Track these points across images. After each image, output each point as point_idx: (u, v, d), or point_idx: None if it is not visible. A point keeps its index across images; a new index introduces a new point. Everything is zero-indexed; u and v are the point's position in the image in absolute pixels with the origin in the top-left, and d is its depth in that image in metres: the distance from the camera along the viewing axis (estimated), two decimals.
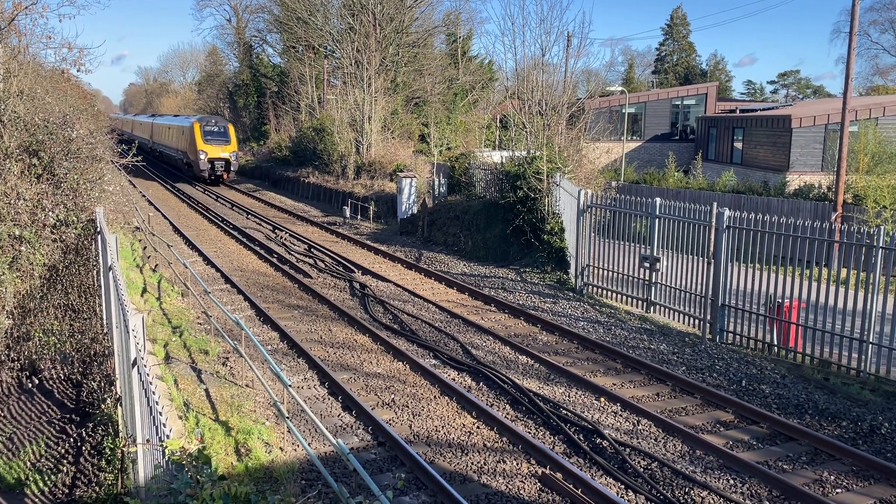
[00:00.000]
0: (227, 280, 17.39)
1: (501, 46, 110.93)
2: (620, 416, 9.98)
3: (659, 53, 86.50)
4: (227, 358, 11.88)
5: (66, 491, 6.77)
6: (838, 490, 8.15)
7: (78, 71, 15.04)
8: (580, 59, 41.16)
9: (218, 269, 18.51)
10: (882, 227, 11.33)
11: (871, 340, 11.30)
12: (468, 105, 43.36)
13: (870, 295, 11.18)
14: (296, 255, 20.85)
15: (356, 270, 18.88)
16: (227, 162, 40.12)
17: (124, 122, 70.63)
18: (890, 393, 10.76)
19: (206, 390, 10.36)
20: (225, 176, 40.52)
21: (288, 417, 8.97)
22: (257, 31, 60.78)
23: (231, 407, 9.78)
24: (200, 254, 20.61)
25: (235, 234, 24.40)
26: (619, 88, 49.08)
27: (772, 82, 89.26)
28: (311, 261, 20.08)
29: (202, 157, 39.26)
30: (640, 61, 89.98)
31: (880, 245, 11.09)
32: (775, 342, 12.66)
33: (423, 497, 7.70)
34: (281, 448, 8.77)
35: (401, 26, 42.17)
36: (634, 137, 44.55)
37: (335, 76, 45.89)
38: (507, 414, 9.98)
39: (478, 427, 9.49)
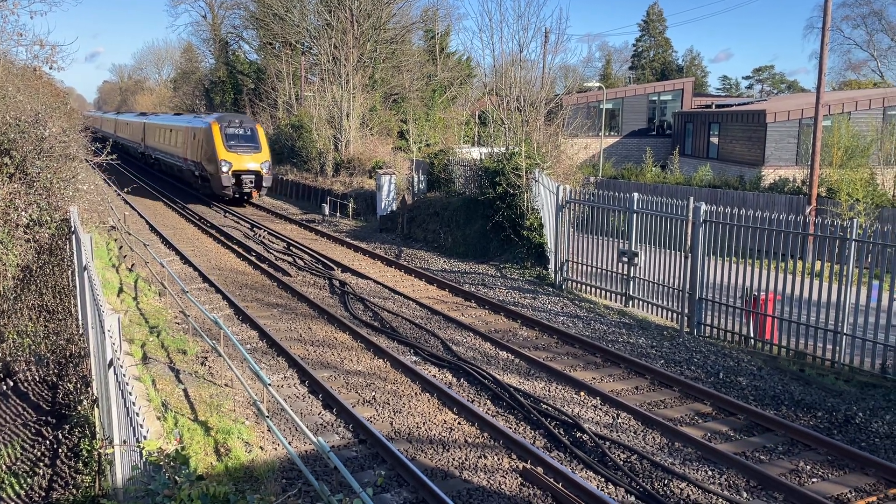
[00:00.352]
0: (205, 279, 17.24)
1: (479, 43, 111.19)
2: (600, 409, 10.05)
3: (636, 49, 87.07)
4: (206, 357, 11.79)
5: (43, 494, 6.69)
6: (814, 479, 8.28)
7: (50, 68, 14.77)
8: (558, 55, 41.33)
9: (195, 268, 18.34)
10: (855, 220, 11.51)
11: (845, 332, 11.48)
12: (447, 101, 43.35)
13: (843, 287, 11.36)
14: (274, 253, 20.72)
15: (336, 268, 18.82)
16: (258, 175, 30.28)
17: (104, 121, 62.02)
18: (864, 383, 10.95)
19: (185, 390, 10.27)
20: (255, 194, 30.94)
21: (268, 416, 8.92)
22: (233, 28, 60.36)
23: (210, 407, 9.71)
24: (177, 253, 20.41)
25: (213, 232, 24.19)
26: (597, 84, 49.32)
27: (747, 77, 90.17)
28: (289, 259, 19.97)
29: (224, 169, 29.45)
30: (617, 57, 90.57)
31: (853, 238, 11.26)
32: (752, 334, 12.82)
33: (404, 494, 7.70)
34: (261, 447, 8.73)
35: (378, 22, 42.03)
36: (612, 133, 44.82)
37: (312, 73, 45.62)
38: (488, 409, 10.01)
39: (459, 423, 9.51)
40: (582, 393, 10.60)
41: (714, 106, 43.80)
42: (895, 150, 28.02)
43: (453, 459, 8.54)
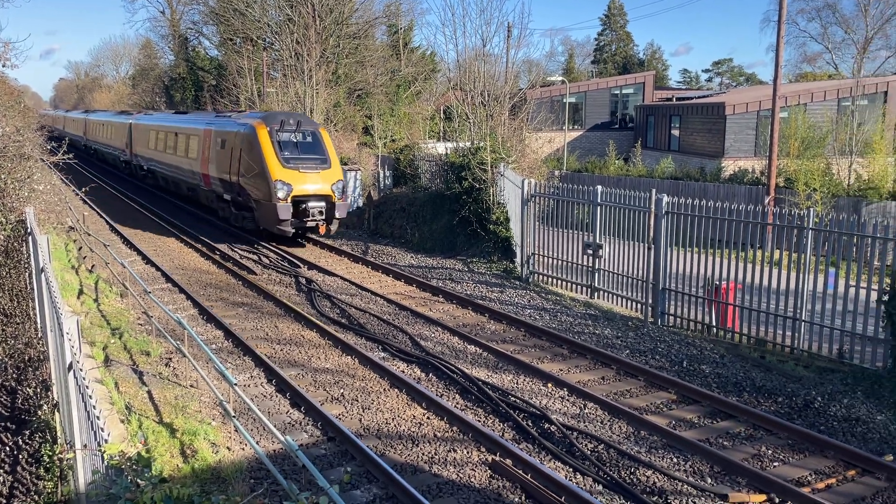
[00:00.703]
0: (168, 279, 16.97)
1: (443, 37, 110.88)
2: (567, 400, 10.14)
3: (598, 43, 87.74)
4: (170, 359, 11.62)
5: (4, 501, 6.54)
6: (776, 463, 8.47)
7: (3, 66, 14.40)
8: (521, 49, 41.51)
9: (158, 268, 18.04)
10: (812, 210, 11.80)
11: (803, 318, 11.75)
12: (412, 96, 43.22)
13: (801, 275, 11.63)
14: (239, 251, 20.48)
15: (302, 265, 18.67)
16: (329, 202, 20.25)
17: (70, 121, 54.17)
18: (822, 368, 11.23)
19: (149, 392, 10.12)
20: (322, 229, 20.41)
21: (235, 416, 8.83)
22: (192, 24, 59.28)
23: (175, 408, 9.58)
24: (139, 253, 20.05)
25: (175, 231, 23.80)
26: (560, 78, 49.64)
27: (706, 71, 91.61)
28: (255, 257, 19.75)
29: (281, 193, 19.49)
30: (579, 51, 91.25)
31: (810, 226, 11.53)
32: (714, 323, 13.06)
33: (374, 490, 7.69)
34: (228, 448, 8.64)
35: (341, 17, 41.69)
36: (576, 127, 45.15)
37: (275, 69, 45.11)
38: (457, 403, 10.04)
39: (428, 418, 9.52)
40: (549, 384, 10.69)
41: (675, 99, 44.39)
42: (849, 141, 28.71)
43: (423, 454, 8.55)
